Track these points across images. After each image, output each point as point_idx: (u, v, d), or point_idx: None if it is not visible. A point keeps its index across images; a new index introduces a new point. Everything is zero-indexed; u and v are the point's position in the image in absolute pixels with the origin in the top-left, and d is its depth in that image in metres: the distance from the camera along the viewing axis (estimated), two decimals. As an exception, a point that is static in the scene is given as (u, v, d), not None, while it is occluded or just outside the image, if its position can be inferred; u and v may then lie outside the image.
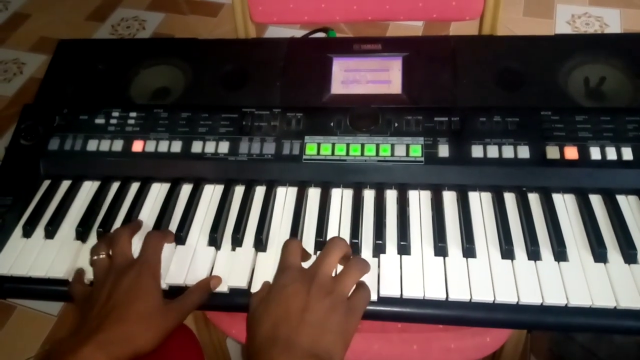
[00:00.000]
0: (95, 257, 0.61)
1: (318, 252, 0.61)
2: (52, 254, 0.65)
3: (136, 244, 0.63)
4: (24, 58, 2.07)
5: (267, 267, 0.61)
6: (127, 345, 0.52)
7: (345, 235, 0.64)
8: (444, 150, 0.67)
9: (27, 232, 0.67)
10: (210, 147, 0.71)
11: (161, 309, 0.56)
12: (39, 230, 0.68)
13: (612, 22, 1.94)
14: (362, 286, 0.57)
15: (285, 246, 0.60)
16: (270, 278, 0.60)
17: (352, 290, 0.56)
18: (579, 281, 0.57)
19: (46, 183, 0.73)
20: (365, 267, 0.58)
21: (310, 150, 0.69)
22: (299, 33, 1.89)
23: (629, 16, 1.95)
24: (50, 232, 0.67)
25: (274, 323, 0.51)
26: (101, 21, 2.18)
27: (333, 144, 0.69)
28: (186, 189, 0.70)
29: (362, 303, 0.56)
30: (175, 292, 0.60)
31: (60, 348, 0.52)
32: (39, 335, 1.33)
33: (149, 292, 0.56)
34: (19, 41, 2.14)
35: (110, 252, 0.61)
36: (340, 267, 0.58)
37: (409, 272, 0.59)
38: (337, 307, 0.53)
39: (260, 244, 0.63)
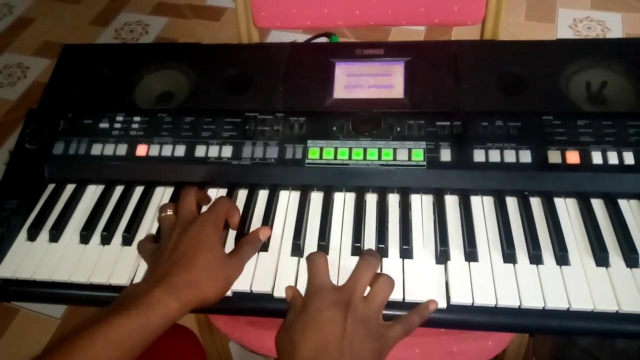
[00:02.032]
0: (163, 214, 0.64)
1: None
2: (57, 257, 0.66)
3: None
4: (28, 62, 2.08)
5: (269, 269, 0.62)
6: (194, 290, 0.55)
7: (348, 238, 0.64)
8: (446, 155, 0.67)
9: (32, 236, 0.68)
10: (213, 151, 0.71)
11: (223, 259, 0.59)
12: (44, 234, 0.68)
13: (614, 26, 1.94)
14: (403, 322, 0.56)
15: (312, 263, 0.60)
16: (272, 280, 0.60)
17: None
18: (580, 285, 0.57)
19: (51, 187, 0.73)
20: (391, 284, 0.58)
21: (313, 154, 0.70)
22: (301, 37, 1.90)
23: (630, 20, 1.96)
24: (54, 236, 0.68)
25: (314, 349, 0.51)
26: (105, 25, 2.20)
27: (335, 148, 0.70)
28: (190, 193, 0.71)
29: (397, 337, 0.56)
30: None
31: (134, 290, 0.55)
32: (43, 338, 1.34)
33: (211, 243, 0.59)
34: (23, 45, 2.16)
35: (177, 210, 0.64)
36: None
37: (411, 276, 0.60)
38: (372, 332, 0.53)
39: (263, 247, 0.64)
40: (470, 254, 0.60)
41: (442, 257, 0.61)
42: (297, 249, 0.63)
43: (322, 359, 0.51)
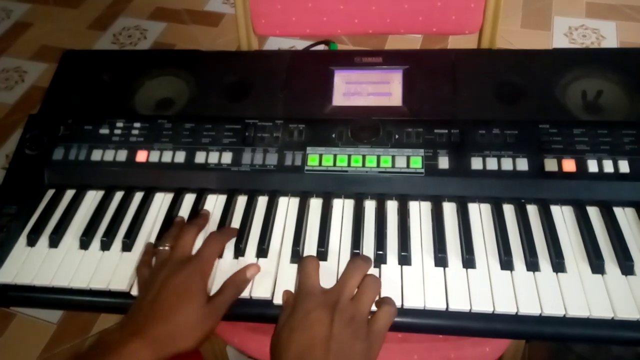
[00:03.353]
0: (160, 248, 0.63)
1: (319, 262, 0.62)
2: (56, 262, 0.66)
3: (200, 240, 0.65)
4: (25, 66, 2.08)
5: (269, 275, 0.62)
6: (171, 343, 0.55)
7: (346, 245, 0.65)
8: (444, 162, 0.68)
9: (32, 241, 0.68)
10: (213, 158, 0.72)
11: (202, 312, 0.57)
12: (43, 239, 0.68)
13: (609, 34, 1.96)
14: (387, 305, 0.57)
15: (303, 267, 0.60)
16: (272, 286, 0.61)
17: (374, 310, 0.57)
18: (576, 292, 0.58)
19: (50, 192, 0.74)
20: (378, 285, 0.58)
21: (312, 161, 0.70)
22: (300, 44, 1.91)
23: (625, 28, 1.98)
24: (54, 241, 0.68)
25: (299, 353, 0.52)
26: (103, 30, 2.20)
27: (335, 155, 0.70)
28: (189, 199, 0.71)
29: (384, 325, 0.56)
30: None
31: (108, 337, 0.55)
32: (39, 342, 1.33)
33: (194, 294, 0.58)
34: (20, 49, 2.16)
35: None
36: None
37: (410, 283, 0.60)
38: (359, 333, 0.54)
39: (263, 254, 0.64)
40: (468, 261, 0.61)
41: (440, 263, 0.61)
42: (296, 255, 0.64)
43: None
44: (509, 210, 0.66)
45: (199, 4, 2.26)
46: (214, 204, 0.71)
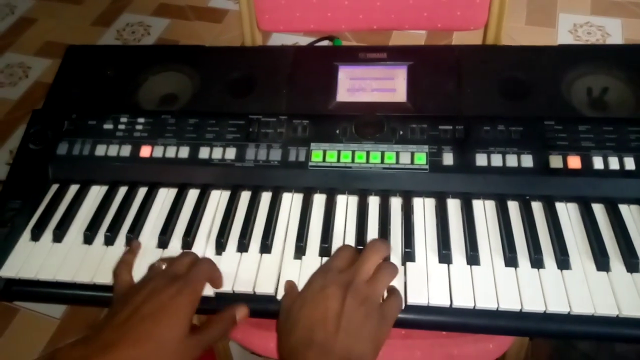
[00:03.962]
0: (156, 264, 0.61)
1: (322, 258, 0.62)
2: (60, 257, 0.66)
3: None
4: (29, 62, 2.08)
5: (272, 270, 0.62)
6: None
7: (350, 241, 0.65)
8: (448, 159, 0.68)
9: (36, 236, 0.68)
10: (217, 153, 0.72)
11: (181, 340, 0.52)
12: (47, 234, 0.68)
13: (614, 31, 1.95)
14: (394, 294, 0.57)
15: (338, 250, 0.60)
16: (276, 282, 0.61)
17: (385, 296, 0.57)
18: (581, 289, 0.58)
19: (54, 187, 0.74)
20: (394, 270, 0.59)
21: (316, 157, 0.70)
22: (303, 40, 1.91)
23: (630, 26, 1.97)
24: (58, 236, 0.68)
25: (310, 326, 0.52)
26: (106, 26, 2.20)
27: (339, 151, 0.70)
28: (193, 194, 0.71)
29: (394, 311, 0.56)
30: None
31: (68, 354, 0.50)
32: (42, 338, 1.34)
33: (178, 317, 0.53)
34: (24, 45, 2.16)
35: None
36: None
37: (414, 279, 0.60)
38: (372, 314, 0.53)
39: (267, 250, 0.64)
40: (472, 258, 0.61)
41: (444, 260, 0.61)
42: (299, 251, 0.64)
43: (318, 335, 0.51)
44: (513, 207, 0.66)
45: (203, 0, 2.26)
46: (218, 199, 0.71)
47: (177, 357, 0.52)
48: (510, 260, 0.60)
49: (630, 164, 0.65)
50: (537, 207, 0.66)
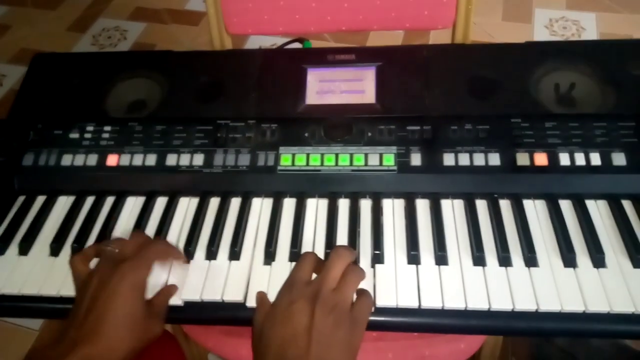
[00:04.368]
0: (108, 247, 0.60)
1: (292, 263, 0.62)
2: (26, 270, 0.65)
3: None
4: (3, 70, 2.05)
5: (241, 277, 0.62)
6: (108, 356, 0.53)
7: (320, 244, 0.64)
8: (416, 159, 0.68)
9: (1, 249, 0.67)
10: (185, 160, 0.71)
11: (141, 315, 0.55)
12: (13, 247, 0.67)
13: (588, 25, 1.97)
14: (363, 295, 0.57)
15: (300, 259, 0.59)
16: (245, 288, 0.60)
17: (354, 298, 0.57)
18: (549, 286, 0.58)
19: (21, 199, 0.73)
20: (361, 274, 0.58)
21: (285, 161, 0.70)
22: (280, 41, 1.90)
23: (604, 19, 1.99)
24: (24, 249, 0.67)
25: (282, 343, 0.51)
26: (82, 32, 2.18)
27: (307, 155, 0.70)
28: (161, 202, 0.71)
29: (365, 313, 0.56)
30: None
31: (41, 355, 0.53)
32: (20, 349, 1.32)
33: (127, 297, 0.55)
34: (-2, 53, 2.13)
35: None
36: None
37: (383, 281, 0.60)
38: (342, 322, 0.53)
39: (235, 257, 0.64)
40: (441, 258, 0.61)
41: (413, 261, 0.61)
42: (269, 256, 0.63)
43: (290, 352, 0.51)
44: (481, 205, 0.66)
45: (180, 3, 2.25)
46: (187, 206, 0.70)
47: (136, 332, 0.54)
48: (478, 259, 0.60)
49: (596, 159, 0.66)
50: (505, 205, 0.66)
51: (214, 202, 0.70)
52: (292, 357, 0.50)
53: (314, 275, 0.58)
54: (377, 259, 0.62)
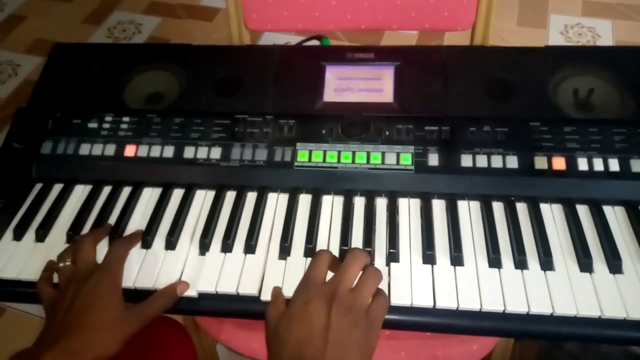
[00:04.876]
0: (62, 265, 0.62)
1: (307, 259, 0.62)
2: (43, 257, 0.65)
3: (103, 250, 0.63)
4: (19, 60, 2.07)
5: (256, 271, 0.62)
6: (87, 352, 0.54)
7: (335, 242, 0.64)
8: (433, 159, 0.68)
9: (18, 236, 0.67)
10: (202, 153, 0.71)
11: (120, 315, 0.57)
12: (30, 234, 0.68)
13: (604, 32, 1.96)
14: (379, 296, 0.57)
15: (315, 257, 0.59)
16: (260, 282, 0.61)
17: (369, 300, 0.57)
18: (564, 290, 0.58)
19: (38, 186, 0.73)
20: (379, 276, 0.58)
21: (302, 157, 0.70)
22: (294, 40, 1.90)
23: (620, 27, 1.97)
24: (41, 236, 0.67)
25: (298, 343, 0.51)
26: (97, 24, 2.19)
27: (324, 151, 0.70)
28: (178, 194, 0.71)
29: (380, 314, 0.56)
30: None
31: (20, 357, 0.54)
32: (29, 337, 1.31)
33: (107, 299, 0.57)
34: (14, 43, 2.14)
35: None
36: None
37: (398, 280, 0.60)
38: (358, 323, 0.53)
39: (251, 250, 0.64)
40: (456, 259, 0.61)
41: (429, 261, 0.61)
42: (284, 252, 0.63)
43: (307, 352, 0.51)
44: (498, 208, 0.66)
45: (195, -1, 2.26)
46: (203, 199, 0.70)
47: (120, 327, 0.56)
48: (494, 261, 0.60)
49: (614, 165, 0.66)
50: (521, 208, 0.66)
51: (230, 196, 0.70)
52: (308, 356, 0.50)
53: (329, 274, 0.58)
54: (393, 257, 0.62)
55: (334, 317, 0.52)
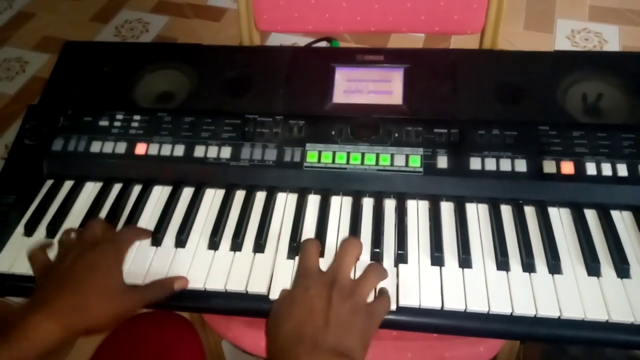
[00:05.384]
0: (65, 236, 0.62)
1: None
2: (53, 252, 0.65)
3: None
4: (27, 57, 2.07)
5: (265, 270, 0.62)
6: (80, 315, 0.52)
7: (344, 242, 0.65)
8: (442, 162, 0.68)
9: (29, 231, 0.68)
10: (212, 152, 0.72)
11: (120, 288, 0.56)
12: (41, 229, 0.68)
13: (611, 38, 1.96)
14: (383, 294, 0.58)
15: (303, 248, 0.61)
16: (268, 281, 0.61)
17: (372, 297, 0.58)
18: (572, 294, 0.58)
19: (49, 183, 0.74)
20: (383, 273, 0.59)
21: (311, 157, 0.70)
22: (302, 41, 1.91)
23: (627, 33, 1.97)
24: (51, 231, 0.68)
25: (298, 322, 0.52)
26: (105, 22, 2.19)
27: (334, 152, 0.70)
28: (187, 193, 0.71)
29: (381, 310, 0.57)
30: (173, 294, 0.61)
31: (11, 318, 0.52)
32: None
33: (111, 269, 0.57)
34: (22, 40, 2.15)
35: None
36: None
37: (406, 281, 0.60)
38: (358, 310, 0.54)
39: (260, 249, 0.64)
40: (464, 261, 0.61)
41: (437, 262, 0.62)
42: (293, 251, 0.64)
43: (306, 330, 0.51)
44: (506, 211, 0.66)
45: (202, -2, 2.26)
46: (212, 198, 0.71)
47: (115, 302, 0.55)
48: (502, 263, 0.61)
49: (622, 170, 0.66)
50: (529, 211, 0.66)
51: (240, 195, 0.71)
52: (308, 334, 0.51)
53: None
54: (401, 258, 0.62)
55: (335, 301, 0.53)
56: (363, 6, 0.95)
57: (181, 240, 0.66)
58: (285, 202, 0.70)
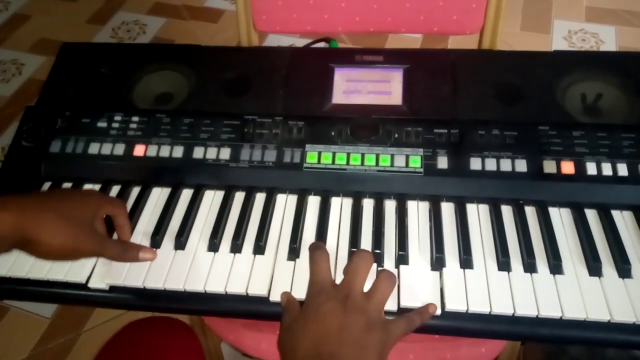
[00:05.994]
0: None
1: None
2: (52, 255, 0.65)
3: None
4: (23, 59, 2.07)
5: (266, 272, 0.62)
6: (35, 219, 0.54)
7: (344, 243, 0.65)
8: (443, 162, 0.68)
9: (27, 234, 0.67)
10: (211, 153, 0.71)
11: (82, 225, 0.57)
12: (39, 232, 0.68)
13: (608, 38, 1.96)
14: (406, 319, 0.56)
15: (313, 260, 0.59)
16: (269, 283, 0.61)
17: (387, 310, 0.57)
18: (573, 294, 0.58)
19: (47, 185, 0.73)
20: (393, 281, 0.58)
21: (311, 158, 0.70)
22: (299, 41, 1.91)
23: (624, 33, 1.98)
24: (50, 234, 0.67)
25: (315, 340, 0.52)
26: (102, 24, 2.19)
27: (334, 153, 0.70)
28: (186, 194, 0.71)
29: (400, 331, 0.55)
30: (172, 296, 0.60)
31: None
32: (32, 337, 1.32)
33: (85, 205, 0.59)
34: (18, 42, 2.14)
35: None
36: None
37: (407, 282, 0.60)
38: (374, 326, 0.53)
39: (260, 251, 0.64)
40: (466, 261, 0.61)
41: (438, 263, 0.61)
42: (293, 253, 0.64)
43: (324, 348, 0.51)
44: (507, 211, 0.66)
45: (199, 0, 2.26)
46: (211, 199, 0.70)
47: (68, 233, 0.56)
48: (503, 264, 0.60)
49: (623, 170, 0.66)
50: (530, 211, 0.66)
51: (239, 197, 0.70)
52: (326, 352, 0.50)
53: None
54: (402, 259, 0.62)
55: (349, 318, 0.52)
56: (362, 6, 0.95)
57: (180, 243, 0.65)
58: (285, 203, 0.69)
